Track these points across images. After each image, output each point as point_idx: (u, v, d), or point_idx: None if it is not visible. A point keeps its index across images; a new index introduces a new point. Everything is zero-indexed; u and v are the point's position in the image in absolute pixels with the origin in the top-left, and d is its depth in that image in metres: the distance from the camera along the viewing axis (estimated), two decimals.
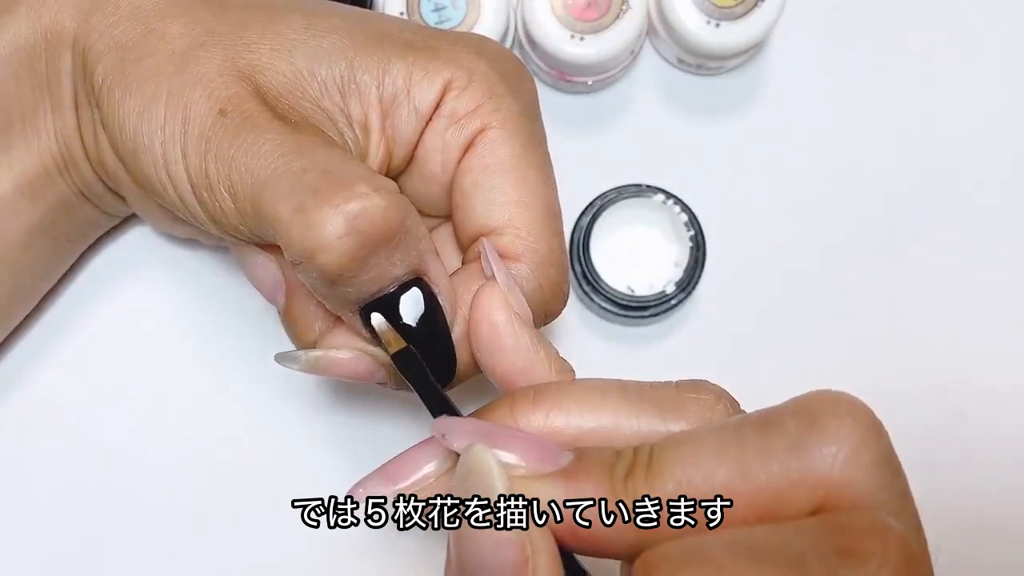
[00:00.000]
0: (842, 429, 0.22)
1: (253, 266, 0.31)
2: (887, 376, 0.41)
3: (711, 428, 0.23)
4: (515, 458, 0.23)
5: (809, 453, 0.22)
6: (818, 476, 0.22)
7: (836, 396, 0.23)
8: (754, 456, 0.22)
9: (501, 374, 0.28)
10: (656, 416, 0.25)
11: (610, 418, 0.25)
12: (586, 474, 0.23)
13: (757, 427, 0.23)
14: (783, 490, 0.22)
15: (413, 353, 0.28)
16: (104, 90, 0.30)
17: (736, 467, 0.22)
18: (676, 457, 0.23)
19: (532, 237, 0.30)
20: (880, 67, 0.43)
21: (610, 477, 0.23)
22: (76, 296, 0.40)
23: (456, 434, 0.24)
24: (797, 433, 0.22)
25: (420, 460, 0.26)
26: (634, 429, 0.25)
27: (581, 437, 0.25)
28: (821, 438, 0.22)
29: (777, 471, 0.22)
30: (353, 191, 0.26)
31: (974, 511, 0.40)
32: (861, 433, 0.22)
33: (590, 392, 0.25)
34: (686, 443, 0.23)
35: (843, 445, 0.22)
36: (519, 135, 0.31)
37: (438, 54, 0.31)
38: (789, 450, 0.22)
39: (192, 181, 0.29)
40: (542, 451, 0.24)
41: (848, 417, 0.22)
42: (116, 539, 0.39)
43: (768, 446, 0.22)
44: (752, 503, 0.22)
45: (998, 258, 0.42)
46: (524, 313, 0.28)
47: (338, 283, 0.27)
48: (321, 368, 0.30)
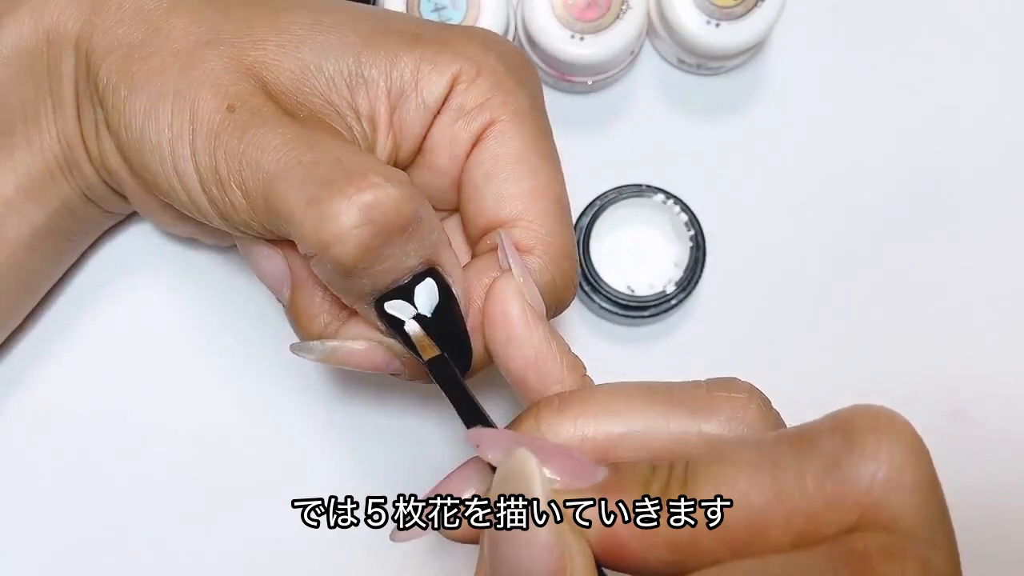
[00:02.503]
0: (882, 448, 0.21)
1: (259, 259, 0.31)
2: (887, 376, 0.41)
3: (747, 444, 0.23)
4: (550, 472, 0.23)
5: (846, 473, 0.21)
6: (855, 496, 0.21)
7: (876, 412, 0.22)
8: (789, 475, 0.21)
9: (513, 366, 0.28)
10: (687, 417, 0.24)
11: (640, 422, 0.24)
12: (621, 491, 0.23)
13: (793, 444, 0.22)
14: (818, 511, 0.21)
15: (447, 361, 0.28)
16: (109, 89, 0.30)
17: (771, 486, 0.21)
18: (711, 475, 0.22)
19: (544, 229, 0.30)
20: (880, 67, 0.43)
21: (645, 495, 0.22)
22: (77, 295, 0.40)
23: (490, 445, 0.24)
24: (834, 451, 0.21)
25: (466, 482, 0.26)
26: (666, 432, 0.24)
27: (612, 444, 0.24)
28: (859, 458, 0.21)
29: (812, 491, 0.21)
30: (366, 181, 0.26)
31: (974, 511, 0.40)
32: (902, 452, 0.21)
33: (616, 397, 0.25)
34: (722, 460, 0.22)
35: (882, 466, 0.21)
36: (529, 128, 0.31)
37: (446, 47, 0.31)
38: (825, 470, 0.21)
39: (201, 178, 0.29)
40: (577, 465, 0.23)
41: (887, 435, 0.21)
42: (117, 538, 0.39)
43: (804, 465, 0.21)
44: (788, 524, 0.21)
45: (998, 258, 0.42)
46: (538, 306, 0.28)
47: (353, 274, 0.27)
48: (336, 359, 0.30)
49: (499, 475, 0.23)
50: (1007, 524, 0.40)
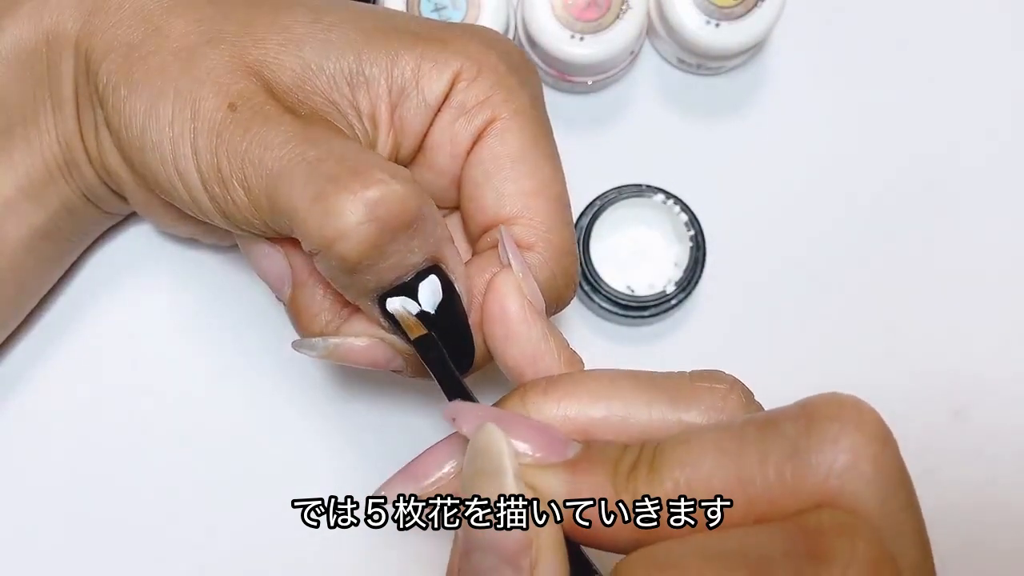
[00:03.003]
0: (843, 436, 0.21)
1: (259, 257, 0.31)
2: (887, 375, 0.41)
3: (716, 427, 0.23)
4: (524, 446, 0.23)
5: (806, 460, 0.21)
6: (813, 484, 0.21)
7: (840, 400, 0.22)
8: (752, 459, 0.22)
9: (512, 362, 0.28)
10: (668, 405, 0.25)
11: (621, 407, 0.25)
12: (590, 468, 0.23)
13: (759, 429, 0.22)
14: (778, 496, 0.21)
15: (434, 339, 0.29)
16: (109, 89, 0.30)
17: (733, 470, 0.22)
18: (678, 456, 0.22)
19: (545, 227, 0.31)
20: (880, 67, 0.43)
21: (614, 473, 0.23)
22: (76, 296, 0.40)
23: (466, 418, 0.24)
24: (796, 437, 0.21)
25: (440, 458, 0.26)
26: (646, 419, 0.25)
27: (592, 426, 0.25)
28: (819, 444, 0.21)
29: (773, 476, 0.21)
30: (371, 178, 0.26)
31: (974, 511, 0.40)
32: (863, 441, 0.21)
33: (601, 382, 0.25)
34: (689, 442, 0.23)
35: (841, 453, 0.21)
36: (529, 126, 0.31)
37: (447, 45, 0.31)
38: (786, 455, 0.21)
39: (203, 177, 0.29)
40: (550, 441, 0.24)
41: (850, 424, 0.21)
42: (117, 538, 0.39)
43: (766, 450, 0.21)
44: (749, 507, 0.21)
45: (998, 257, 0.42)
46: (537, 302, 0.29)
47: (357, 271, 0.27)
48: (339, 356, 0.30)
49: (470, 450, 0.23)
50: (1007, 524, 0.40)
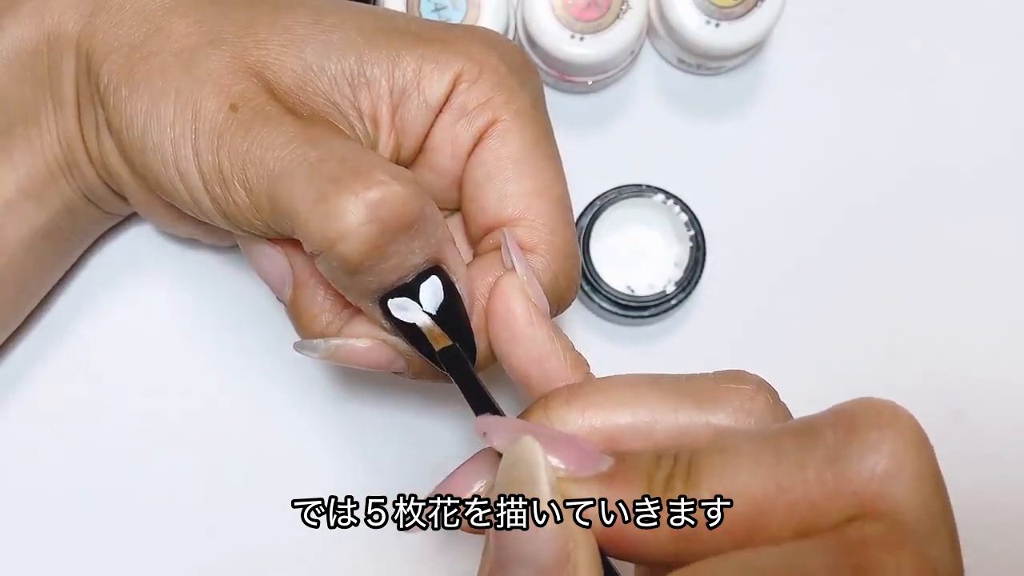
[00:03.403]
0: (883, 442, 0.21)
1: (260, 257, 0.31)
2: (887, 375, 0.41)
3: (751, 436, 0.23)
4: (556, 460, 0.23)
5: (846, 465, 0.21)
6: (855, 489, 0.21)
7: (879, 406, 0.22)
8: (791, 467, 0.21)
9: (517, 364, 0.28)
10: (694, 408, 0.24)
11: (647, 413, 0.24)
12: (625, 480, 0.23)
13: (795, 436, 0.22)
14: (819, 503, 0.21)
15: (458, 351, 0.28)
16: (110, 89, 0.30)
17: (772, 478, 0.21)
18: (713, 467, 0.22)
19: (547, 228, 0.31)
20: (880, 67, 0.43)
21: (648, 485, 0.22)
22: (77, 296, 0.40)
23: (497, 432, 0.24)
24: (835, 444, 0.21)
25: (470, 477, 0.26)
26: (672, 423, 0.24)
27: (619, 434, 0.25)
28: (860, 450, 0.21)
29: (813, 483, 0.21)
30: (373, 179, 0.26)
31: (974, 510, 0.40)
32: (903, 446, 0.21)
33: (624, 388, 0.25)
34: (725, 451, 0.22)
35: (882, 459, 0.21)
36: (530, 127, 0.31)
37: (448, 46, 0.31)
38: (826, 462, 0.21)
39: (204, 177, 0.29)
40: (583, 454, 0.23)
41: (890, 429, 0.21)
42: (117, 538, 0.39)
43: (805, 457, 0.21)
44: (789, 516, 0.21)
45: (998, 257, 0.42)
46: (541, 304, 0.28)
47: (359, 272, 0.27)
48: (340, 357, 0.30)
49: (504, 462, 0.23)
50: (1007, 524, 0.40)
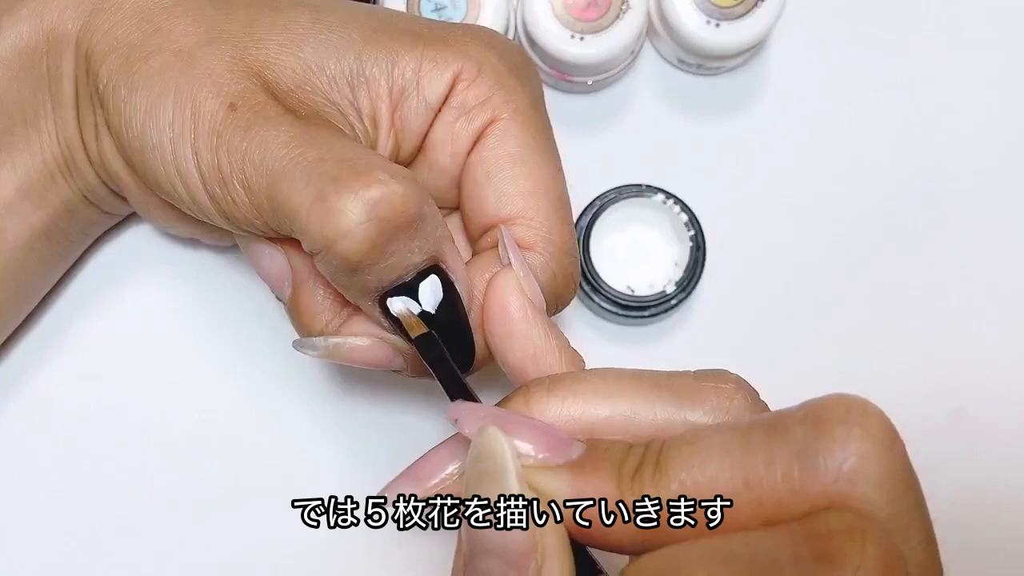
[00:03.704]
0: (850, 439, 0.21)
1: (260, 256, 0.31)
2: (886, 374, 0.41)
3: (723, 428, 0.23)
4: (527, 447, 0.23)
5: (813, 462, 0.21)
6: (820, 487, 0.21)
7: (848, 402, 0.22)
8: (758, 461, 0.21)
9: (512, 361, 0.28)
10: (673, 405, 0.24)
11: (626, 407, 0.25)
12: (594, 469, 0.23)
13: (765, 431, 0.22)
14: (784, 498, 0.21)
15: (435, 338, 0.28)
16: (109, 89, 0.30)
17: (740, 471, 0.21)
18: (682, 458, 0.22)
19: (546, 227, 0.31)
20: (880, 67, 0.43)
21: (618, 474, 0.23)
22: (76, 296, 0.40)
23: (468, 419, 0.24)
24: (803, 439, 0.21)
25: (444, 459, 0.26)
26: (651, 418, 0.24)
27: (597, 426, 0.25)
28: (827, 447, 0.21)
29: (780, 479, 0.21)
30: (372, 178, 0.26)
31: (974, 510, 0.40)
32: (870, 443, 0.21)
33: (605, 380, 0.25)
34: (694, 443, 0.22)
35: (849, 456, 0.21)
36: (529, 126, 0.31)
37: (447, 45, 0.31)
38: (793, 457, 0.21)
39: (203, 177, 0.29)
40: (553, 441, 0.23)
41: (857, 427, 0.21)
42: (117, 538, 0.39)
43: (773, 451, 0.21)
44: (755, 509, 0.21)
45: (998, 257, 0.42)
46: (538, 301, 0.29)
47: (358, 271, 0.27)
48: (340, 355, 0.30)
49: (472, 452, 0.23)
50: (1007, 524, 0.40)
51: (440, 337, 0.29)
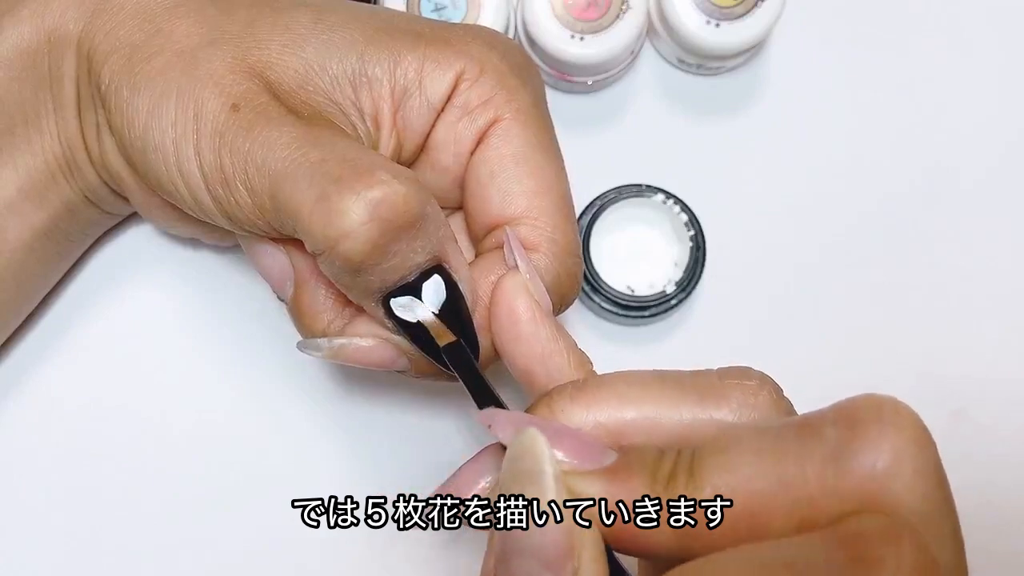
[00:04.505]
0: (883, 438, 0.21)
1: (262, 256, 0.31)
2: (886, 375, 0.41)
3: (754, 431, 0.23)
4: (560, 454, 0.23)
5: (847, 462, 0.21)
6: (854, 486, 0.21)
7: (880, 402, 0.22)
8: (791, 463, 0.21)
9: (520, 362, 0.28)
10: (698, 404, 0.24)
11: (651, 409, 0.24)
12: (628, 474, 0.23)
13: (797, 432, 0.22)
14: (819, 500, 0.21)
15: (462, 346, 0.29)
16: (111, 90, 0.30)
17: (774, 474, 0.21)
18: (716, 462, 0.22)
19: (550, 227, 0.31)
20: (880, 67, 0.43)
21: (652, 480, 0.22)
22: (77, 296, 0.40)
23: (502, 425, 0.24)
24: (836, 441, 0.21)
25: (477, 474, 0.26)
26: (676, 419, 0.24)
27: (623, 429, 0.25)
28: (860, 447, 0.21)
29: (813, 480, 0.21)
30: (374, 178, 0.26)
31: (974, 510, 0.40)
32: (904, 443, 0.21)
33: (628, 384, 0.25)
34: (727, 447, 0.22)
35: (883, 455, 0.21)
36: (532, 126, 0.31)
37: (449, 45, 0.31)
38: (827, 459, 0.21)
39: (205, 177, 0.29)
40: (587, 448, 0.23)
41: (891, 426, 0.21)
42: (117, 538, 0.39)
43: (806, 453, 0.21)
44: (790, 512, 0.21)
45: (998, 258, 0.42)
46: (544, 302, 0.28)
47: (361, 271, 0.27)
48: (344, 356, 0.30)
49: (509, 454, 0.23)
50: (1007, 524, 0.40)
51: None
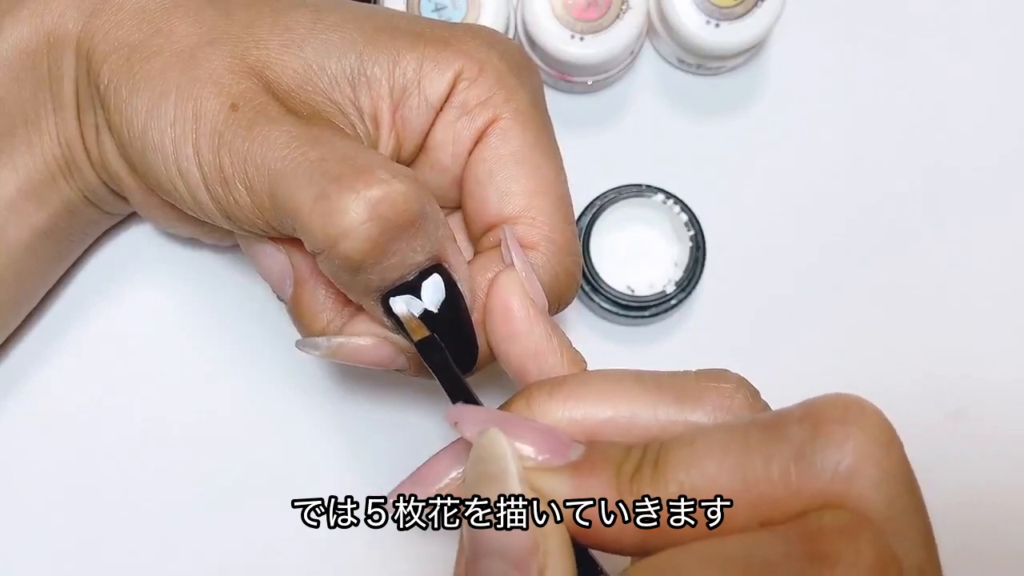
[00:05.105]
0: (848, 439, 0.21)
1: (261, 255, 0.31)
2: (886, 375, 0.41)
3: (720, 428, 0.23)
4: (527, 449, 0.23)
5: (811, 462, 0.21)
6: (818, 486, 0.21)
7: (845, 402, 0.22)
8: (756, 461, 0.21)
9: (514, 361, 0.28)
10: (674, 405, 0.24)
11: (627, 408, 0.25)
12: (593, 470, 0.23)
13: (763, 430, 0.22)
14: (782, 498, 0.21)
15: (436, 341, 0.28)
16: (111, 90, 0.30)
17: (738, 471, 0.21)
18: (681, 458, 0.22)
19: (548, 226, 0.31)
20: (880, 67, 0.43)
21: (617, 475, 0.23)
22: (77, 296, 0.40)
23: (468, 422, 0.24)
24: (801, 439, 0.21)
25: (446, 464, 0.26)
26: (652, 419, 0.24)
27: (598, 428, 0.25)
28: (824, 447, 0.21)
29: (777, 479, 0.21)
30: (373, 177, 0.26)
31: (973, 510, 0.40)
32: (867, 443, 0.21)
33: (607, 382, 0.25)
34: (693, 443, 0.22)
35: (846, 456, 0.21)
36: (531, 125, 0.31)
37: (448, 45, 0.31)
38: (791, 458, 0.21)
39: (204, 177, 0.29)
40: (553, 443, 0.23)
41: (854, 426, 0.21)
42: (117, 538, 0.39)
43: (771, 452, 0.21)
44: (753, 509, 0.21)
45: (998, 258, 0.42)
46: (540, 301, 0.29)
47: (360, 270, 0.27)
48: (343, 355, 0.30)
49: (473, 455, 0.23)
50: (1007, 524, 0.40)
51: (442, 337, 0.29)
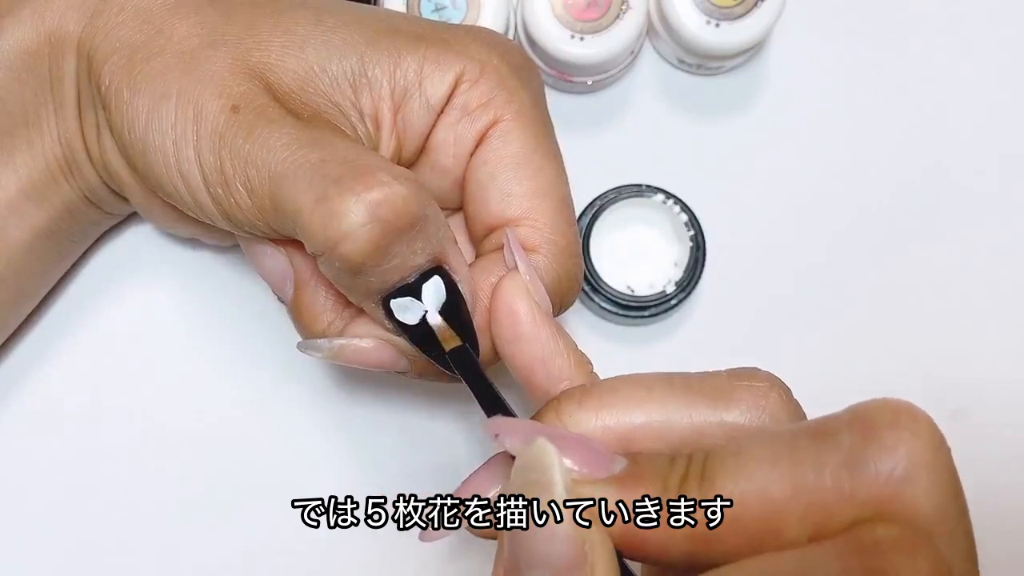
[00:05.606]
0: (900, 444, 0.21)
1: (262, 257, 0.31)
2: (887, 376, 0.41)
3: (766, 437, 0.22)
4: (569, 462, 0.23)
5: (863, 468, 0.21)
6: (870, 493, 0.21)
7: (896, 407, 0.21)
8: (807, 469, 0.21)
9: (520, 363, 0.28)
10: (707, 407, 0.24)
11: (660, 413, 0.24)
12: (639, 482, 0.23)
13: (811, 438, 0.21)
14: (834, 506, 0.21)
15: (468, 351, 0.28)
16: (112, 91, 0.30)
17: (788, 480, 0.21)
18: (728, 468, 0.22)
19: (550, 228, 0.31)
20: (880, 67, 0.43)
21: (664, 487, 0.22)
22: (77, 296, 0.40)
23: (510, 434, 0.24)
24: (852, 446, 0.21)
25: (487, 481, 0.26)
26: (686, 422, 0.24)
27: (633, 434, 0.24)
28: (877, 453, 0.21)
29: (830, 486, 0.21)
30: (374, 179, 0.26)
31: (973, 511, 0.40)
32: (920, 449, 0.21)
33: (637, 388, 0.25)
34: (739, 453, 0.22)
35: (899, 461, 0.21)
36: (532, 127, 0.31)
37: (449, 46, 0.31)
38: (842, 464, 0.21)
39: (205, 178, 0.29)
40: (596, 456, 0.23)
41: (907, 431, 0.21)
42: (117, 538, 0.39)
43: (821, 460, 0.21)
44: (804, 519, 0.21)
45: (998, 257, 0.42)
46: (544, 303, 0.29)
47: (361, 273, 0.27)
48: (344, 356, 0.30)
49: (518, 464, 0.23)
50: (1006, 524, 0.40)
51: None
